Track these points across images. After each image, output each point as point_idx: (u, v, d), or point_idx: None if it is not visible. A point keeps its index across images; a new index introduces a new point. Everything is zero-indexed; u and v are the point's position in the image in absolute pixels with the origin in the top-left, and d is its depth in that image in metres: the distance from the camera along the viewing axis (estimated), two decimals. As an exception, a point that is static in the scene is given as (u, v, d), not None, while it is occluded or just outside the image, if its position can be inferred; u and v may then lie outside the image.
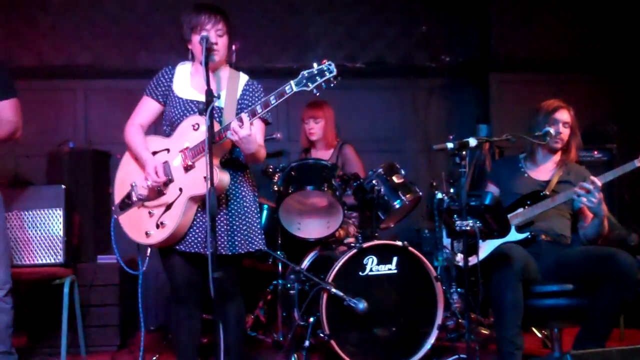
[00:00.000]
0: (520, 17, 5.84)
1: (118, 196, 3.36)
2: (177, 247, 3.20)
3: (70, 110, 5.70)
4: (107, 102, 5.66)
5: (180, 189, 3.15)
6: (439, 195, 4.21)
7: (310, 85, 2.92)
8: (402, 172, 4.44)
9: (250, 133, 2.98)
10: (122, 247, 5.09)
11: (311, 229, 4.41)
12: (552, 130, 3.88)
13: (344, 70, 5.83)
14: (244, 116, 2.98)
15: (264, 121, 3.31)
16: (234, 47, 4.59)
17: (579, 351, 2.87)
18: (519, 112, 5.59)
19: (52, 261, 4.27)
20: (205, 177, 2.90)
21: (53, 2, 5.56)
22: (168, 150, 3.22)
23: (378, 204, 4.32)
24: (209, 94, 2.91)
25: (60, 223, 4.28)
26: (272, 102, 2.97)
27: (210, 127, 2.87)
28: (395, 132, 6.00)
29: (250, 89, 3.33)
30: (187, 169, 3.14)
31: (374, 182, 4.31)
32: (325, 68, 2.91)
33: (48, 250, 4.26)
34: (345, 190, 4.43)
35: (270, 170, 4.48)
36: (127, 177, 3.32)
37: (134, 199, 3.26)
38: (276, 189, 4.37)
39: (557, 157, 4.07)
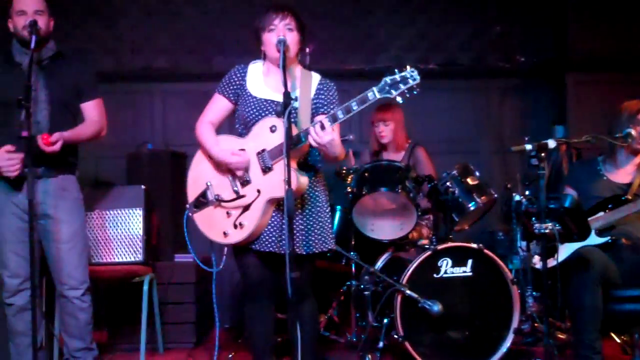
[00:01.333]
0: (598, 15, 5.70)
1: (192, 194, 3.36)
2: (253, 247, 3.23)
3: (148, 112, 5.85)
4: (184, 105, 5.78)
5: (259, 191, 3.16)
6: (517, 198, 4.16)
7: (393, 92, 2.93)
8: (477, 173, 4.40)
9: (334, 137, 3.00)
10: (196, 245, 5.24)
11: (384, 230, 4.40)
12: (634, 132, 3.79)
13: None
14: (326, 121, 2.99)
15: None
16: (307, 49, 4.63)
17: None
18: (597, 113, 5.49)
19: (132, 259, 4.38)
20: (284, 180, 2.90)
21: (132, 7, 5.71)
22: (243, 150, 3.21)
23: (452, 205, 4.30)
24: (287, 96, 2.90)
25: (140, 222, 4.39)
26: (354, 108, 2.99)
27: (288, 130, 2.87)
28: (468, 133, 5.95)
29: (325, 88, 3.32)
30: (265, 171, 3.17)
31: (448, 183, 4.29)
32: (408, 75, 2.92)
33: (128, 248, 4.38)
34: (419, 192, 4.42)
35: (344, 171, 4.51)
36: (201, 176, 3.34)
37: (210, 198, 3.27)
38: (349, 190, 4.40)
39: (638, 159, 3.96)
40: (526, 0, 5.86)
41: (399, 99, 2.94)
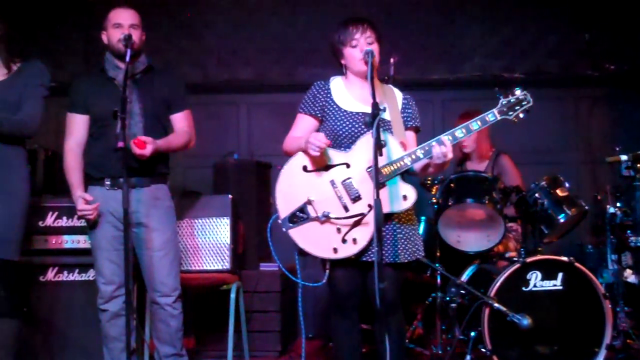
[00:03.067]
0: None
1: (285, 209, 3.23)
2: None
3: (234, 123, 5.96)
4: (268, 115, 5.88)
5: (370, 206, 3.10)
6: (611, 210, 4.04)
7: (510, 114, 3.08)
8: (567, 184, 4.30)
9: (451, 154, 3.09)
10: (281, 255, 5.30)
11: (471, 241, 4.35)
12: None
13: (501, 80, 5.79)
14: (446, 139, 3.07)
15: (417, 129, 3.35)
16: (392, 60, 4.63)
17: None
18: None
19: (220, 267, 4.44)
20: (404, 196, 3.09)
21: (219, 21, 5.84)
22: (347, 165, 3.18)
23: (541, 217, 4.22)
24: (375, 106, 2.91)
25: (227, 231, 4.45)
26: (475, 128, 3.10)
27: (377, 139, 2.86)
28: (556, 143, 5.82)
29: (409, 103, 3.35)
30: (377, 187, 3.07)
31: (537, 195, 4.21)
32: (521, 97, 3.07)
33: (215, 257, 4.45)
34: (506, 203, 4.35)
35: (429, 182, 4.48)
36: (296, 191, 3.23)
37: (312, 214, 3.18)
38: (435, 201, 4.36)
39: None
40: (616, 6, 5.68)
41: (514, 121, 3.09)
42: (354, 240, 3.14)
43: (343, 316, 3.36)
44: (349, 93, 3.34)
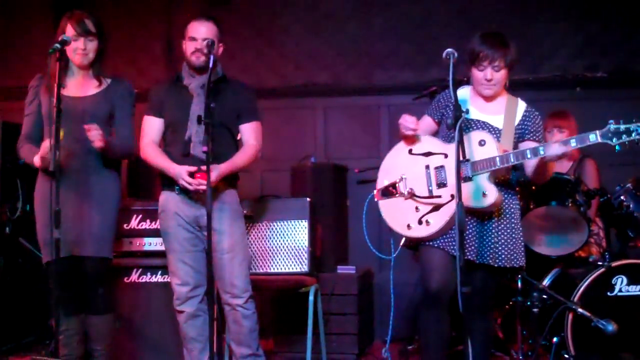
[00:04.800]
0: None
1: (381, 183, 3.52)
2: (437, 244, 3.32)
3: (311, 126, 5.97)
4: (345, 119, 5.89)
5: (452, 196, 3.24)
6: None
7: (614, 140, 3.03)
8: (654, 186, 4.17)
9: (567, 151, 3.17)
10: (356, 259, 5.32)
11: (553, 245, 4.27)
12: None
13: (584, 80, 5.64)
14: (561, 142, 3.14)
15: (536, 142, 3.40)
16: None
17: None
18: None
19: (298, 270, 4.49)
20: (483, 194, 3.18)
21: (296, 25, 5.88)
22: (446, 155, 3.34)
23: (627, 220, 4.11)
24: (458, 109, 2.98)
25: (305, 234, 4.49)
26: (573, 145, 3.10)
27: (460, 142, 2.93)
28: (641, 144, 5.61)
29: (531, 116, 3.43)
30: (465, 180, 3.21)
31: (622, 197, 4.11)
32: (632, 128, 3.01)
33: (294, 259, 4.50)
34: (590, 206, 4.24)
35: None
36: (396, 167, 3.49)
37: (401, 190, 3.41)
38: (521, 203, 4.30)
39: None
40: None
41: (617, 148, 3.05)
42: (427, 222, 3.30)
43: (432, 310, 3.37)
44: (469, 102, 3.45)
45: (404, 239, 3.60)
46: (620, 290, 3.89)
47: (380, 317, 5.51)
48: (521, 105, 3.44)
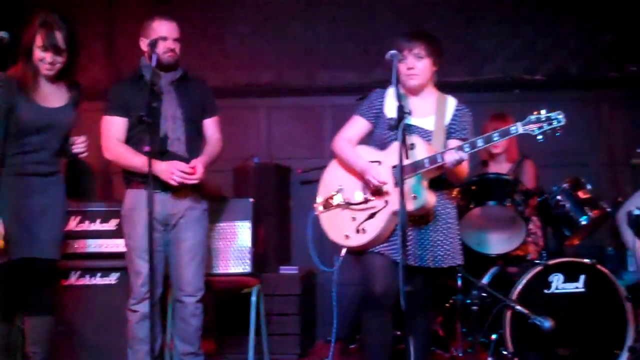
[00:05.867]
0: None
1: (322, 195, 3.56)
2: (377, 249, 3.32)
3: (254, 127, 5.95)
4: (288, 119, 5.89)
5: (387, 202, 3.28)
6: (636, 212, 4.01)
7: (535, 130, 3.04)
8: (588, 186, 4.28)
9: (465, 159, 3.15)
10: (298, 258, 5.31)
11: (492, 244, 4.34)
12: None
13: (523, 82, 5.76)
14: (461, 149, 3.15)
15: (463, 140, 3.39)
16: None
17: None
18: None
19: (241, 270, 4.47)
20: (414, 197, 3.16)
21: (239, 25, 5.85)
22: (379, 162, 3.35)
23: (563, 220, 4.21)
24: (400, 110, 2.98)
25: (248, 235, 4.46)
26: (495, 139, 3.12)
27: (402, 143, 2.94)
28: (577, 145, 5.72)
29: (460, 114, 3.45)
30: (396, 184, 3.23)
31: (558, 197, 4.21)
32: (554, 117, 3.04)
33: (237, 260, 4.47)
34: (528, 206, 4.33)
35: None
36: (333, 180, 3.53)
37: (339, 201, 3.44)
38: (455, 203, 4.35)
39: None
40: (638, 7, 5.64)
41: (539, 137, 3.05)
42: (363, 230, 3.31)
43: (376, 314, 3.39)
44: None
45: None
46: (556, 288, 3.98)
47: (323, 317, 5.53)
48: (451, 103, 3.46)
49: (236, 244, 4.46)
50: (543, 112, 3.04)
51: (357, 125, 3.54)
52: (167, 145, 3.68)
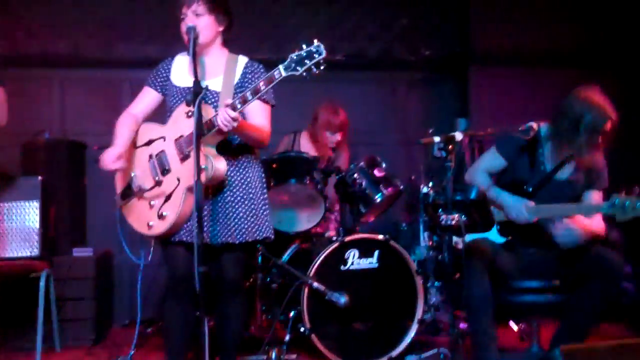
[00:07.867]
0: (500, 10, 5.80)
1: (119, 186, 3.37)
2: (178, 238, 3.16)
3: (46, 100, 5.55)
4: (84, 93, 5.56)
5: (178, 179, 3.12)
6: (425, 190, 4.20)
7: (299, 69, 2.83)
8: (384, 165, 4.42)
9: (236, 118, 2.93)
10: (94, 239, 5.06)
11: (292, 222, 4.39)
12: (534, 125, 3.69)
13: (324, 61, 5.82)
14: (231, 106, 2.94)
15: (267, 102, 3.27)
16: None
17: (569, 346, 2.84)
18: (498, 106, 5.63)
19: (28, 254, 4.18)
20: (204, 168, 2.94)
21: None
22: (164, 138, 3.19)
23: (359, 197, 4.31)
24: (197, 84, 2.87)
25: (36, 215, 4.20)
26: (262, 89, 2.92)
27: (199, 119, 2.83)
28: (374, 125, 5.94)
29: (251, 70, 3.28)
30: (183, 159, 3.11)
31: (355, 175, 4.30)
32: (314, 50, 2.83)
33: (24, 243, 4.18)
34: (326, 184, 4.41)
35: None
36: (128, 167, 3.30)
37: (134, 189, 3.25)
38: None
39: None
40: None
41: (305, 75, 2.85)
42: (162, 216, 3.13)
43: (177, 299, 3.26)
44: (187, 68, 3.28)
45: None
46: (352, 264, 4.08)
47: (121, 300, 5.32)
48: (241, 62, 3.31)
49: (22, 226, 4.16)
50: (304, 47, 2.84)
51: (146, 97, 3.37)
52: None
